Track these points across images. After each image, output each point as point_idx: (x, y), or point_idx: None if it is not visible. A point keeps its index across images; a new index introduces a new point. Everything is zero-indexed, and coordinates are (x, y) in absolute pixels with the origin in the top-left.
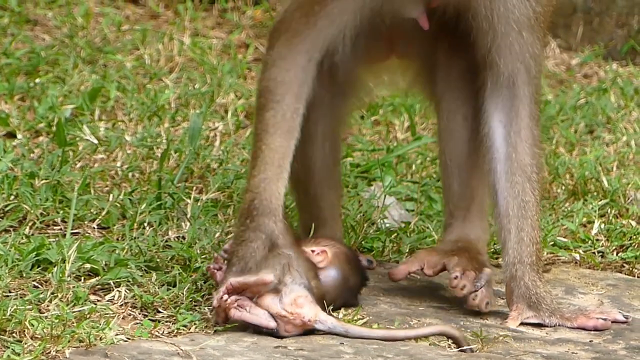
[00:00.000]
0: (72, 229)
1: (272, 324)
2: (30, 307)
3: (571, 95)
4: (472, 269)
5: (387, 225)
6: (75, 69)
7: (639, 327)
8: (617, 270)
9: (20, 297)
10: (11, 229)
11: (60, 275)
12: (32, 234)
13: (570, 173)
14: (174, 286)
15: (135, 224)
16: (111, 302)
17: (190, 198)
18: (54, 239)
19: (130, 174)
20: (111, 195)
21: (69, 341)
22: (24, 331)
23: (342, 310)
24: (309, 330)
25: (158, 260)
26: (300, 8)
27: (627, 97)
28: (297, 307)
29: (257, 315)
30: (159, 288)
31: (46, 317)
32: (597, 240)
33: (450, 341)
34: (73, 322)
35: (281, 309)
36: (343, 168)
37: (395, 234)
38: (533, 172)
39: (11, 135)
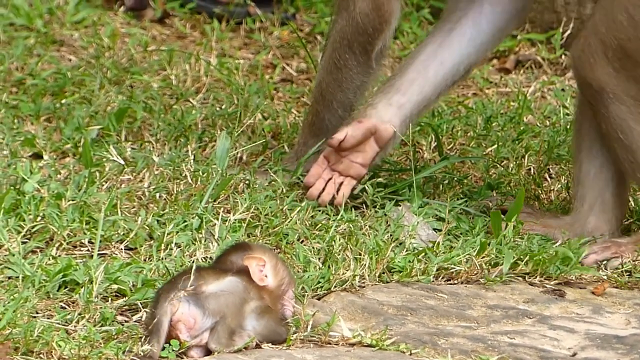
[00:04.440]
0: (99, 250)
1: None
2: (58, 328)
3: None
4: None
5: (415, 245)
6: (101, 89)
7: None
8: None
9: (48, 318)
10: (38, 250)
11: (88, 296)
12: (59, 255)
13: None
14: None
15: (163, 245)
16: (138, 322)
17: (218, 219)
18: (81, 260)
19: (157, 195)
20: (139, 216)
21: None
22: (52, 352)
23: (371, 330)
24: (332, 351)
25: None
26: None
27: None
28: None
29: None
30: None
31: (73, 338)
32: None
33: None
34: (100, 343)
35: None
36: (370, 188)
37: (423, 254)
38: None
39: (38, 156)
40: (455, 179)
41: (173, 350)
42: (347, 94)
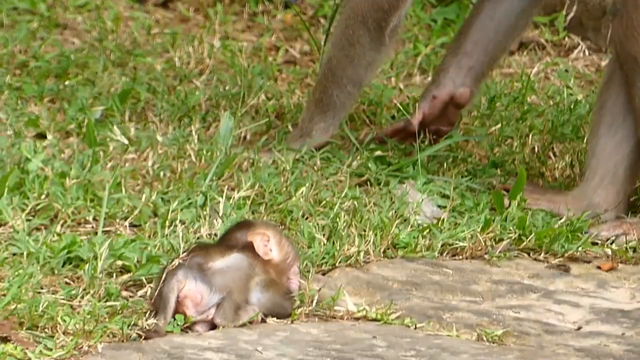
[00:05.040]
0: (103, 227)
1: None
2: (62, 303)
3: None
4: None
5: (419, 221)
6: (105, 71)
7: None
8: None
9: (52, 294)
10: (42, 227)
11: (92, 272)
12: (64, 232)
13: None
14: None
15: (167, 222)
16: (143, 297)
17: (222, 196)
18: (85, 237)
19: (161, 173)
20: (143, 194)
21: (101, 336)
22: (56, 327)
23: (376, 305)
24: (337, 325)
25: None
26: None
27: None
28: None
29: None
30: None
31: (78, 313)
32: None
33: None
34: (105, 318)
35: None
36: (374, 166)
37: (428, 230)
38: None
39: (41, 136)
40: (460, 157)
41: (178, 324)
42: (358, 70)
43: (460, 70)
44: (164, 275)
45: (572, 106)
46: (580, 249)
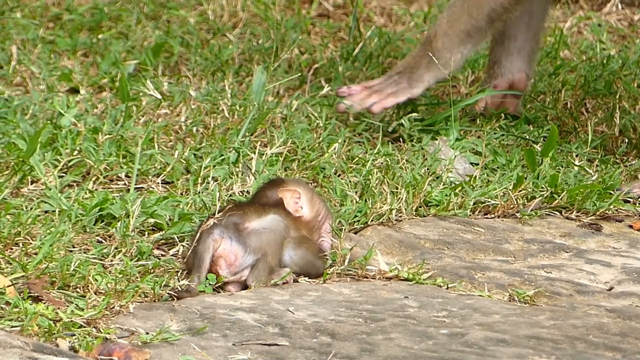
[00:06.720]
0: (136, 184)
1: None
2: (94, 262)
3: (634, 50)
4: None
5: (452, 179)
6: (138, 24)
7: None
8: None
9: (84, 253)
10: (74, 184)
11: (124, 230)
12: (96, 189)
13: (634, 127)
14: None
15: (200, 179)
16: (175, 256)
17: (255, 152)
18: (117, 194)
19: (194, 129)
20: (176, 150)
21: (132, 296)
22: (88, 286)
23: (407, 264)
24: (369, 285)
25: None
26: None
27: None
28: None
29: None
30: None
31: (110, 272)
32: None
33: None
34: (137, 277)
35: None
36: (407, 122)
37: (460, 187)
38: None
39: (74, 90)
40: (492, 113)
41: (210, 284)
42: (524, 17)
43: (511, 55)
44: (199, 234)
45: (604, 61)
46: (612, 207)
